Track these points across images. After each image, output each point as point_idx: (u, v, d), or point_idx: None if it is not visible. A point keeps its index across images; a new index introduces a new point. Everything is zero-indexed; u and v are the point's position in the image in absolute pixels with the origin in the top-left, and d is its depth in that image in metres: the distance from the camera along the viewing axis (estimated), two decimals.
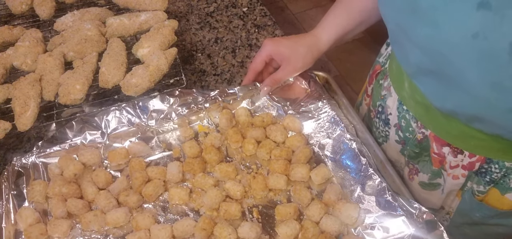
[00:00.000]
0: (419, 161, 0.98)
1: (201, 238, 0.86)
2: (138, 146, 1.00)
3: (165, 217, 0.91)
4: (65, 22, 1.23)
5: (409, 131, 0.97)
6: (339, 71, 2.93)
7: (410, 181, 1.02)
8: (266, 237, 0.88)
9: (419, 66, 0.83)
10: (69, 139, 0.99)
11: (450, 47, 0.71)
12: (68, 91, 1.03)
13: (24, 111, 0.99)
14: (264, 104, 1.08)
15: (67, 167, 0.94)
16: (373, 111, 1.09)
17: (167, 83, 1.12)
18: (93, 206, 0.92)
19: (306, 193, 0.91)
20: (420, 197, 1.02)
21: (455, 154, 0.91)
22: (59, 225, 0.86)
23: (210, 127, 1.05)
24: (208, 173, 0.97)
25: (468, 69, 0.71)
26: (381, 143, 1.07)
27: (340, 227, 0.87)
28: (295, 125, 1.03)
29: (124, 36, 1.21)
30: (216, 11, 1.37)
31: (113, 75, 1.07)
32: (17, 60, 1.10)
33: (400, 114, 0.98)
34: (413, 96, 0.93)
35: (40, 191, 0.91)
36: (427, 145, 0.94)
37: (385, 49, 1.11)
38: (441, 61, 0.75)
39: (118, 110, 1.02)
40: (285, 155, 0.97)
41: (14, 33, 1.19)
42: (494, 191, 0.92)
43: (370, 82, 1.14)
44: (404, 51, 0.87)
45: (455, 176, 0.94)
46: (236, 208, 0.89)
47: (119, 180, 0.94)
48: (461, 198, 0.98)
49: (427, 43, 0.76)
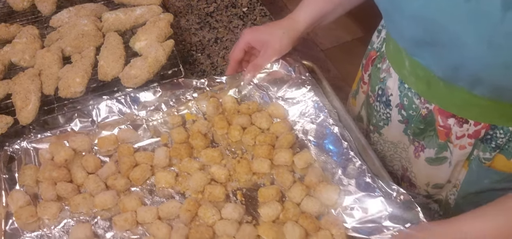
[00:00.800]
0: (424, 137, 1.00)
1: (186, 219, 0.88)
2: (127, 132, 1.03)
3: (151, 199, 0.93)
4: (60, 19, 1.26)
5: (413, 108, 0.99)
6: (339, 71, 2.95)
7: (416, 158, 1.04)
8: (249, 218, 0.90)
9: (416, 39, 0.85)
10: (60, 125, 1.02)
11: (444, 14, 0.75)
12: (68, 84, 1.06)
13: (26, 105, 1.01)
14: (250, 92, 1.11)
15: (58, 152, 0.97)
16: (372, 96, 1.11)
17: (165, 74, 1.15)
18: (82, 189, 0.95)
19: (288, 176, 0.94)
20: (427, 174, 1.04)
21: (460, 124, 0.93)
22: (49, 207, 0.89)
23: (198, 115, 1.08)
24: (194, 158, 1.00)
25: (463, 32, 0.74)
26: (382, 126, 1.09)
27: (320, 208, 0.89)
28: (279, 111, 1.05)
29: (120, 30, 1.24)
30: (216, 11, 1.38)
31: (112, 68, 1.10)
32: (15, 56, 1.13)
33: (401, 93, 1.00)
34: (414, 72, 0.95)
35: (31, 175, 0.94)
36: (432, 119, 0.96)
37: (377, 36, 1.13)
38: (436, 30, 0.78)
39: (110, 101, 1.06)
40: (269, 140, 1.00)
41: (11, 31, 1.21)
42: (500, 157, 0.94)
43: (366, 69, 1.16)
44: (398, 28, 0.90)
45: (462, 146, 0.96)
46: (220, 190, 0.92)
47: (108, 165, 0.97)
48: (468, 168, 1.00)
49: (421, 14, 0.79)
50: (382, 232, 0.85)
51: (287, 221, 0.88)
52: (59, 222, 0.89)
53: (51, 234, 0.87)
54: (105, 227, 0.89)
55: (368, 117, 1.16)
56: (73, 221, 0.90)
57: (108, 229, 0.89)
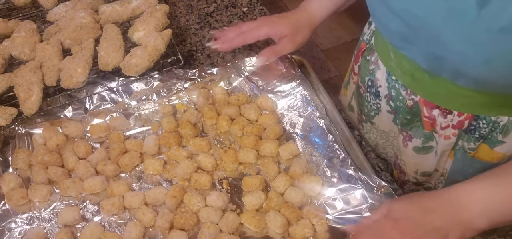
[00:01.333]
0: (411, 127, 1.02)
1: (171, 205, 0.91)
2: (118, 120, 1.05)
3: (139, 185, 0.96)
4: (58, 13, 1.28)
5: (400, 100, 1.02)
6: (338, 71, 2.95)
7: (405, 147, 1.06)
8: (233, 206, 0.92)
9: (400, 33, 0.88)
10: (54, 112, 1.05)
11: (425, 10, 0.77)
12: (70, 75, 1.08)
13: (29, 96, 1.03)
14: (240, 84, 1.13)
15: (50, 137, 1.00)
16: (362, 87, 1.13)
17: (165, 62, 1.17)
18: (73, 174, 0.97)
19: (273, 167, 0.96)
20: (415, 162, 1.07)
21: (444, 115, 0.95)
22: (39, 190, 0.92)
23: (189, 105, 1.10)
24: (183, 146, 1.02)
25: (443, 29, 0.76)
26: (373, 116, 1.12)
27: (302, 198, 0.91)
28: (268, 104, 1.07)
29: (117, 22, 1.26)
30: (216, 11, 1.39)
31: (112, 58, 1.12)
32: (15, 50, 1.14)
33: (389, 85, 1.02)
34: (399, 65, 0.97)
35: (24, 159, 0.97)
36: (417, 110, 0.99)
37: (368, 28, 1.15)
38: (418, 25, 0.80)
39: (102, 90, 1.08)
40: (256, 131, 1.02)
41: (9, 26, 1.22)
42: (484, 146, 0.96)
43: (357, 60, 1.18)
44: (384, 22, 0.92)
45: (447, 136, 0.98)
46: (206, 178, 0.94)
47: (98, 151, 1.00)
48: (453, 158, 1.02)
49: (404, 9, 0.81)
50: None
51: (270, 210, 0.90)
52: (49, 205, 0.92)
53: (41, 216, 0.90)
54: (93, 211, 0.92)
55: (359, 107, 1.17)
56: (63, 204, 0.92)
57: (96, 213, 0.91)
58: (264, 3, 1.45)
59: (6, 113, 1.01)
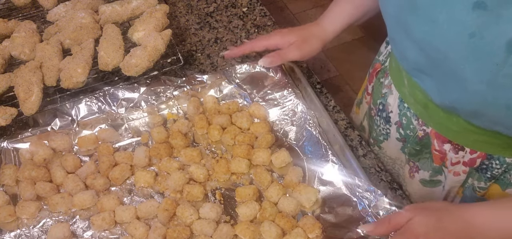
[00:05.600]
0: (419, 159, 1.00)
1: (164, 218, 0.89)
2: (107, 132, 1.03)
3: (130, 199, 0.94)
4: (57, 13, 1.27)
5: (410, 129, 0.99)
6: (339, 71, 2.95)
7: (411, 178, 1.04)
8: (227, 218, 0.91)
9: (417, 63, 0.84)
10: (41, 125, 1.02)
11: (448, 44, 0.73)
12: (70, 75, 1.07)
13: (29, 96, 1.02)
14: (231, 92, 1.11)
15: (37, 152, 0.97)
16: (374, 109, 1.11)
17: (165, 63, 1.16)
18: (62, 189, 0.95)
19: (266, 176, 0.95)
20: (421, 195, 1.04)
21: (456, 151, 0.92)
22: (27, 207, 0.90)
23: (179, 114, 1.09)
24: (174, 157, 1.00)
25: (464, 66, 0.73)
26: (381, 140, 1.09)
27: (296, 207, 0.90)
28: (260, 112, 1.06)
29: (117, 22, 1.25)
30: (215, 11, 1.38)
31: (112, 58, 1.11)
32: (15, 50, 1.14)
33: (401, 112, 1.00)
34: (412, 93, 0.94)
35: (10, 175, 0.94)
36: (428, 142, 0.96)
37: (385, 47, 1.12)
38: (438, 58, 0.77)
39: (89, 100, 1.06)
40: (248, 140, 1.01)
41: (9, 26, 1.22)
42: (495, 187, 0.94)
43: (370, 80, 1.15)
44: (402, 48, 0.89)
45: (456, 172, 0.95)
46: (198, 190, 0.93)
47: (87, 164, 0.98)
48: (462, 195, 0.99)
49: (425, 40, 0.78)
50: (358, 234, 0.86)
51: (264, 220, 0.89)
52: (38, 222, 0.90)
53: (30, 234, 0.88)
54: (83, 227, 0.90)
55: (369, 129, 1.16)
56: (52, 220, 0.90)
57: (86, 229, 0.89)
58: (264, 3, 1.45)
59: (6, 114, 1.00)
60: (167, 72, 1.14)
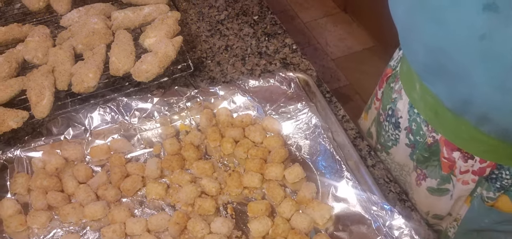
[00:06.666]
0: (427, 166, 0.98)
1: (175, 232, 0.88)
2: (120, 142, 1.03)
3: (141, 211, 0.93)
4: (71, 18, 1.28)
5: (420, 135, 0.98)
6: (349, 81, 2.94)
7: (418, 186, 1.02)
8: (239, 233, 0.90)
9: (428, 66, 0.83)
10: (54, 134, 1.02)
11: (457, 46, 0.72)
12: (81, 79, 1.07)
13: (40, 100, 1.03)
14: (245, 104, 1.10)
15: (50, 161, 0.97)
16: (383, 114, 1.09)
17: (175, 69, 1.16)
18: (73, 199, 0.95)
19: (279, 191, 0.94)
20: (428, 203, 1.02)
21: (465, 159, 0.91)
22: (38, 216, 0.89)
23: (192, 126, 1.08)
24: (186, 170, 0.99)
25: (473, 70, 0.71)
26: (390, 146, 1.08)
27: (309, 224, 0.89)
28: (273, 126, 1.05)
29: (129, 28, 1.26)
30: (226, 18, 1.39)
31: (123, 64, 1.11)
32: (28, 54, 1.15)
33: (410, 117, 0.99)
34: (423, 98, 0.93)
35: (22, 184, 0.94)
36: (437, 149, 0.94)
37: (397, 52, 1.11)
38: (448, 61, 0.75)
39: (102, 108, 1.06)
40: (261, 154, 1.00)
41: (23, 30, 1.24)
42: (504, 198, 0.92)
43: (380, 85, 1.14)
44: (412, 51, 0.88)
45: (465, 181, 0.94)
46: (210, 203, 0.91)
47: (99, 175, 0.97)
48: (470, 204, 0.97)
49: (433, 41, 0.76)
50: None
51: (276, 237, 0.87)
52: (49, 232, 0.89)
53: None
54: (94, 238, 0.89)
55: (377, 135, 1.14)
56: (63, 231, 0.90)
57: None
58: (275, 11, 1.44)
59: (18, 116, 1.01)
60: (177, 78, 1.14)
